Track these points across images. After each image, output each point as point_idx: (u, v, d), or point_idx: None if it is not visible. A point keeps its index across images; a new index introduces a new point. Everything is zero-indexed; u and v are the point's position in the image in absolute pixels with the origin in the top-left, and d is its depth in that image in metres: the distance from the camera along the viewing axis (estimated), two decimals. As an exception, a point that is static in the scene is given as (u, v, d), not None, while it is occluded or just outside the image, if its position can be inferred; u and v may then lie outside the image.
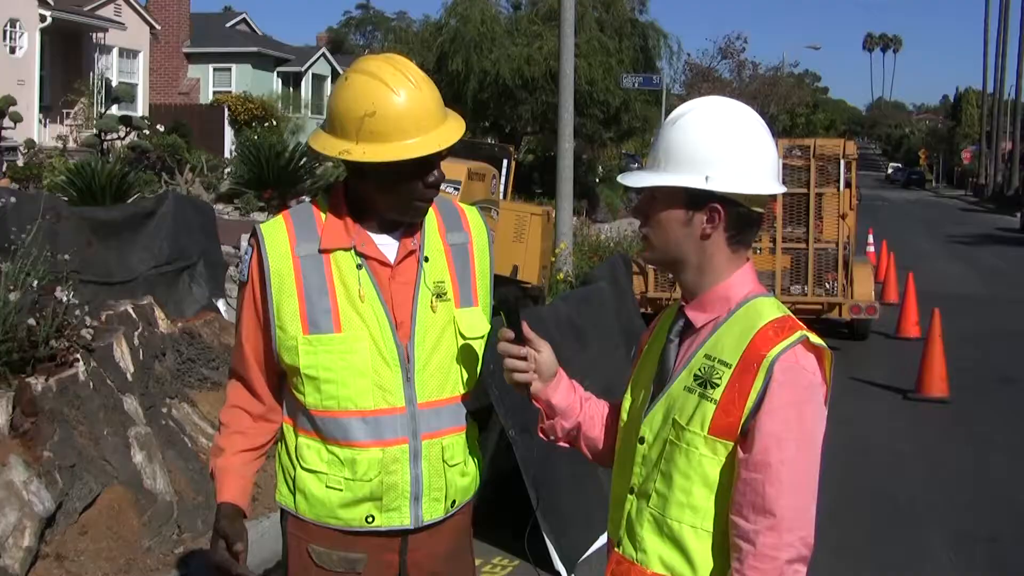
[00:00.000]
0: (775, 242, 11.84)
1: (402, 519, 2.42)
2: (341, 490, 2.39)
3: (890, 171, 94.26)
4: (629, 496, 2.08)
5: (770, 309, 1.99)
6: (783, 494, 1.88)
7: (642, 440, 2.06)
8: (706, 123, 2.02)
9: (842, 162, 11.86)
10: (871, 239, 20.55)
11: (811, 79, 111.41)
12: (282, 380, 2.47)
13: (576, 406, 2.28)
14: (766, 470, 1.88)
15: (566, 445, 2.34)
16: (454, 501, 2.48)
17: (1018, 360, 11.87)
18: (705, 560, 1.96)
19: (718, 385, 1.94)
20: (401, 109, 2.29)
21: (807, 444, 1.92)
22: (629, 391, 2.19)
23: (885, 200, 53.68)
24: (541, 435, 2.32)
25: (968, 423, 8.98)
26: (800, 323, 1.98)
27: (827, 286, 11.92)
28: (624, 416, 2.17)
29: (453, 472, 2.46)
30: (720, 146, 1.99)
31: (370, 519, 2.41)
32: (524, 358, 2.21)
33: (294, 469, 2.44)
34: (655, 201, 2.05)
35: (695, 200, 1.99)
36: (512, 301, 2.22)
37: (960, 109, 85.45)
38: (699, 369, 1.98)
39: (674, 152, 2.02)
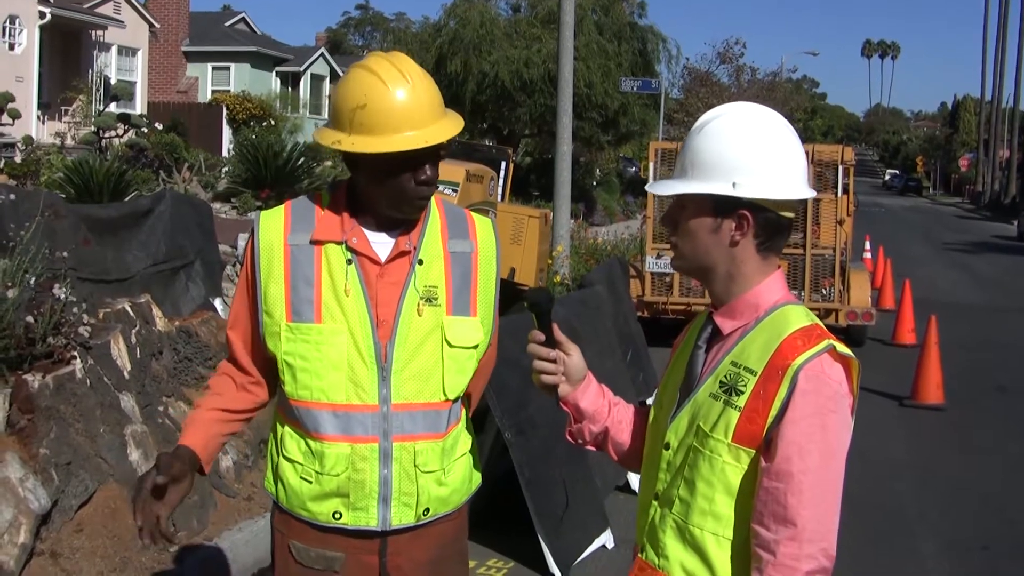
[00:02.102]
0: (772, 247, 11.82)
1: (369, 520, 2.42)
2: (311, 482, 2.41)
3: (887, 177, 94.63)
4: (653, 502, 2.06)
5: (798, 317, 1.96)
6: (805, 504, 1.86)
7: (667, 446, 2.04)
8: (732, 129, 1.99)
9: (840, 168, 11.84)
10: (868, 245, 20.56)
11: (809, 85, 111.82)
12: (271, 364, 2.48)
13: (604, 411, 2.27)
14: (788, 480, 1.86)
15: (593, 448, 2.33)
16: (427, 509, 2.46)
17: (1014, 368, 11.89)
18: (725, 568, 1.95)
19: (743, 392, 1.92)
20: (392, 104, 2.30)
21: (830, 454, 1.89)
22: (657, 397, 2.17)
23: (882, 207, 53.74)
24: (569, 438, 2.30)
25: (963, 431, 8.99)
26: (828, 332, 1.95)
27: (824, 292, 11.90)
28: (652, 422, 2.16)
29: (427, 479, 2.44)
30: (746, 152, 1.96)
31: (337, 515, 2.42)
32: (553, 361, 2.19)
33: (278, 456, 2.48)
34: (683, 209, 2.02)
35: (723, 207, 1.97)
36: (543, 304, 2.18)
37: (958, 116, 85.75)
38: (725, 376, 1.96)
39: (701, 159, 1.99)
